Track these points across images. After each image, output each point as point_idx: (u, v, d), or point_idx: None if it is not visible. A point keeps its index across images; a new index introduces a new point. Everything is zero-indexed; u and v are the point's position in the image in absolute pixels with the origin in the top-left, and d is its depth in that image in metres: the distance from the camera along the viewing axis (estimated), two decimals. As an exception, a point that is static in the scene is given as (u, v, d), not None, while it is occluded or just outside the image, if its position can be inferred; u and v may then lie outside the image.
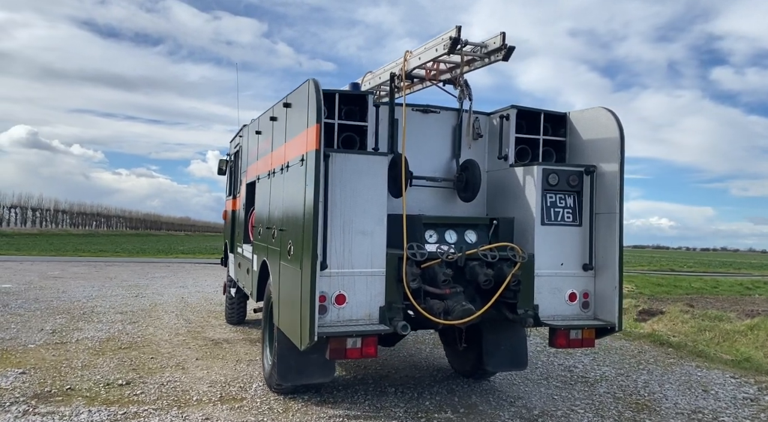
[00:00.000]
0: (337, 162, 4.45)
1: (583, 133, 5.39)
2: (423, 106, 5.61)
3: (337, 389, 5.93)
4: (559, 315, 5.04)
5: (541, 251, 5.00)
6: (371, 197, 4.55)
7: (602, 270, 5.09)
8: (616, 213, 4.95)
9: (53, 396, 5.44)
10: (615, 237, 4.94)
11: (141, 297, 12.55)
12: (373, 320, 4.53)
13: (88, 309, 10.59)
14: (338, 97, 4.90)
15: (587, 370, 7.18)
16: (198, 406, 5.30)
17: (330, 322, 4.42)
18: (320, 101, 4.19)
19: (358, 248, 4.50)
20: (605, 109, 5.14)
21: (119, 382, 5.93)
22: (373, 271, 4.54)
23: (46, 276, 16.53)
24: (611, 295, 4.95)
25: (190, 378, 6.21)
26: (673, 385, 6.65)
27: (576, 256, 5.11)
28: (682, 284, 21.21)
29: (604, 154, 5.11)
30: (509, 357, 5.92)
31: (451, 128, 5.67)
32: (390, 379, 6.40)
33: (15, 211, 65.46)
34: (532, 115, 5.54)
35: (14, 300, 11.30)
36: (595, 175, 5.14)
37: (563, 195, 5.14)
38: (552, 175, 5.06)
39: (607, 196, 5.04)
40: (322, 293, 4.39)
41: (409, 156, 5.42)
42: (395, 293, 4.58)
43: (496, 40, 4.86)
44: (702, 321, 10.80)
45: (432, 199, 5.58)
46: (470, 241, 5.05)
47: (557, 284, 5.04)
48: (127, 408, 5.15)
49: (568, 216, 5.12)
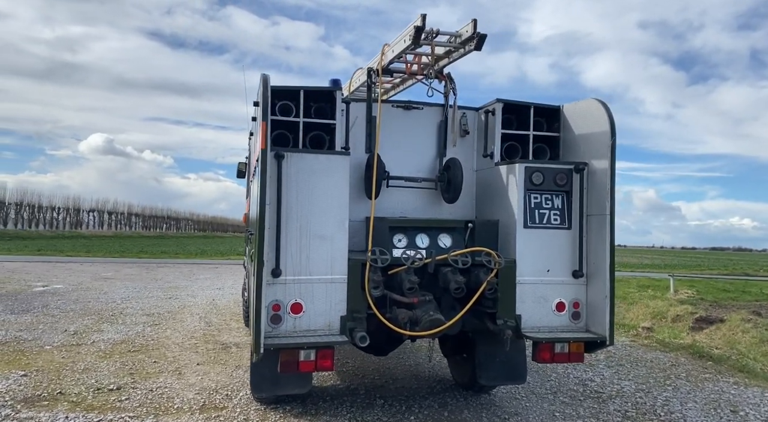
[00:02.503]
0: (292, 162, 4.22)
1: (576, 127, 4.92)
2: (404, 102, 5.29)
3: (324, 399, 5.71)
4: (545, 326, 4.60)
5: (524, 256, 4.58)
6: (331, 199, 4.29)
7: (594, 277, 4.61)
8: (606, 215, 4.46)
9: (41, 400, 5.51)
10: (606, 241, 4.45)
11: (174, 298, 12.81)
12: (333, 330, 4.27)
13: (118, 310, 10.87)
14: (303, 94, 4.67)
15: (604, 385, 6.62)
16: (175, 414, 5.21)
17: (285, 333, 4.19)
18: (267, 98, 3.97)
19: (316, 253, 4.26)
20: (596, 100, 4.66)
21: (110, 387, 5.94)
22: (334, 278, 4.28)
23: (97, 277, 17.24)
24: (602, 305, 4.47)
25: (182, 384, 6.16)
26: (697, 404, 6.00)
27: (564, 262, 4.65)
28: (752, 290, 19.54)
29: (595, 150, 4.63)
30: (505, 370, 5.49)
31: (435, 125, 5.33)
32: (383, 390, 6.11)
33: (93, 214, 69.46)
34: (523, 109, 5.12)
35: (56, 301, 11.78)
36: (587, 172, 4.67)
37: (550, 195, 4.69)
38: (536, 174, 4.63)
39: (599, 195, 4.56)
40: (276, 301, 4.18)
41: (390, 155, 5.12)
42: (359, 302, 4.31)
43: (468, 29, 4.48)
44: (766, 330, 9.82)
45: (414, 200, 5.25)
46: (444, 246, 4.70)
47: (543, 292, 4.61)
48: (105, 415, 5.13)
49: (555, 219, 4.67)
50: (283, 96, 4.65)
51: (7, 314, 10.16)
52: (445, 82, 5.21)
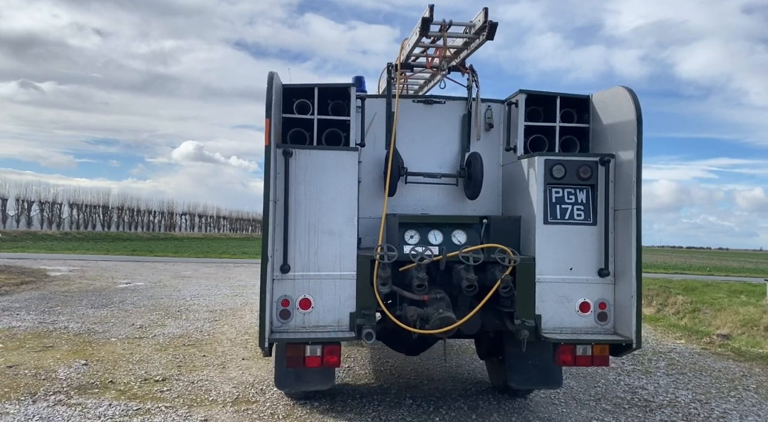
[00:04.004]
0: (300, 158, 4.27)
1: (604, 117, 4.63)
2: (426, 97, 5.21)
3: (353, 396, 5.72)
4: (568, 327, 4.36)
5: (544, 253, 4.37)
6: (339, 195, 4.30)
7: (622, 276, 4.31)
8: (632, 209, 4.17)
9: (92, 387, 5.89)
10: (632, 237, 4.16)
11: (239, 296, 13.31)
12: (343, 327, 4.27)
13: (185, 307, 11.45)
14: (319, 91, 4.70)
15: (656, 393, 6.18)
16: (207, 407, 5.41)
17: (294, 328, 4.24)
18: (271, 95, 4.03)
19: (325, 249, 4.28)
20: (623, 87, 4.37)
21: (156, 378, 6.26)
22: (342, 274, 4.28)
23: (177, 275, 18.24)
24: (629, 306, 4.17)
25: (223, 377, 6.39)
26: (760, 418, 5.47)
27: (589, 260, 4.39)
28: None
29: (622, 141, 4.34)
30: (537, 373, 5.23)
31: (459, 119, 5.20)
32: (415, 390, 6.03)
33: (185, 217, 73.61)
34: (549, 100, 4.89)
35: (132, 297, 12.59)
36: (613, 165, 4.38)
37: (573, 189, 4.45)
38: (557, 167, 4.40)
39: (626, 189, 4.26)
40: (285, 297, 4.23)
41: (411, 151, 5.06)
42: (368, 298, 4.28)
43: (479, 18, 4.35)
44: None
45: (436, 197, 5.15)
46: (459, 243, 4.57)
47: (565, 292, 4.37)
48: (144, 404, 5.41)
49: (578, 214, 4.42)
50: (300, 94, 4.71)
51: (87, 308, 10.97)
52: (468, 74, 5.07)
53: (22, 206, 51.12)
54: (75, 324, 9.24)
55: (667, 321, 11.42)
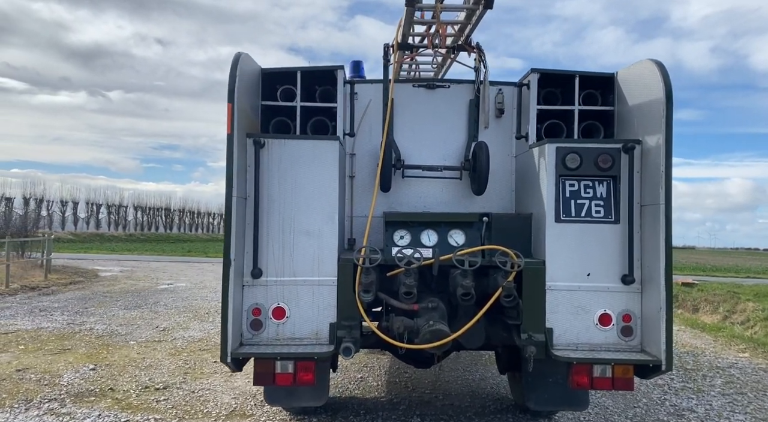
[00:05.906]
0: (273, 149, 3.82)
1: (630, 97, 3.94)
2: (427, 81, 4.65)
3: (356, 413, 5.23)
4: (585, 343, 3.71)
5: (556, 256, 3.74)
6: (318, 190, 3.82)
7: (650, 283, 3.62)
8: (661, 204, 3.48)
9: (90, 395, 5.67)
10: (660, 238, 3.47)
11: (273, 299, 13.07)
12: (321, 339, 3.79)
13: (216, 309, 11.28)
14: (300, 76, 4.22)
15: (706, 417, 5.36)
16: (200, 419, 5.05)
17: (267, 340, 3.80)
18: (234, 78, 3.59)
19: (301, 252, 3.81)
20: (651, 60, 3.68)
21: (157, 386, 5.99)
22: (321, 280, 3.79)
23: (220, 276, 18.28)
24: (657, 319, 3.49)
25: (226, 386, 6.05)
26: (833, 453, 4.59)
27: (611, 264, 3.72)
28: None
29: (648, 124, 3.65)
30: (559, 393, 4.56)
31: (465, 105, 4.61)
32: (427, 406, 5.47)
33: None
34: (567, 80, 4.24)
35: (167, 298, 12.59)
36: (638, 153, 3.70)
37: (591, 181, 3.79)
38: (571, 156, 3.75)
39: (654, 181, 3.58)
40: (257, 305, 3.80)
41: (411, 141, 4.53)
42: (351, 307, 3.77)
43: (476, -15, 3.77)
44: None
45: (439, 193, 4.59)
46: (456, 244, 3.99)
47: (581, 301, 3.72)
48: (134, 416, 5.12)
49: (597, 211, 3.76)
50: (283, 79, 4.27)
51: (120, 309, 10.99)
52: (476, 54, 4.49)
53: (92, 209, 53.71)
54: (101, 326, 9.20)
55: (730, 331, 10.30)
